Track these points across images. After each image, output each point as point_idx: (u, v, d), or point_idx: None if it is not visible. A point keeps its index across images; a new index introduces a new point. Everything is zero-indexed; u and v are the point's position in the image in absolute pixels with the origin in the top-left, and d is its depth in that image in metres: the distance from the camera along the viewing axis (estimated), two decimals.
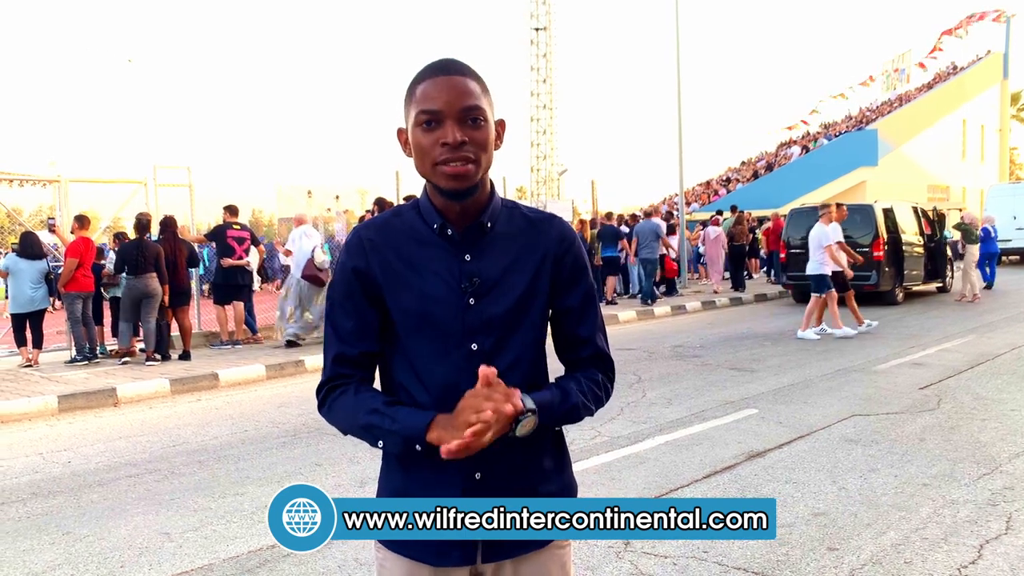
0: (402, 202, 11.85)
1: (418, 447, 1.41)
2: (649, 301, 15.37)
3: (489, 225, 1.51)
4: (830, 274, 10.58)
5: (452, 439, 1.32)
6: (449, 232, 1.50)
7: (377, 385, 1.58)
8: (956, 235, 16.04)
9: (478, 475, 1.48)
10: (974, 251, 14.81)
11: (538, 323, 1.54)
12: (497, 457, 1.48)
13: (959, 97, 42.88)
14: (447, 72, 1.43)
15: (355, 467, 5.20)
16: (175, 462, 5.55)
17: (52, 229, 10.38)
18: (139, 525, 4.29)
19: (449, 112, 1.40)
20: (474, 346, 1.47)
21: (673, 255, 17.22)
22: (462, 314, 1.48)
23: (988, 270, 16.84)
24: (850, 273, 10.82)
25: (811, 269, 10.74)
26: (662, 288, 16.69)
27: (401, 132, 1.51)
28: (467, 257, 1.50)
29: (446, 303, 1.48)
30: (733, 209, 19.23)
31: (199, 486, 4.97)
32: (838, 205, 11.42)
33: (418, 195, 1.59)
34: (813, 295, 10.70)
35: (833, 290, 10.58)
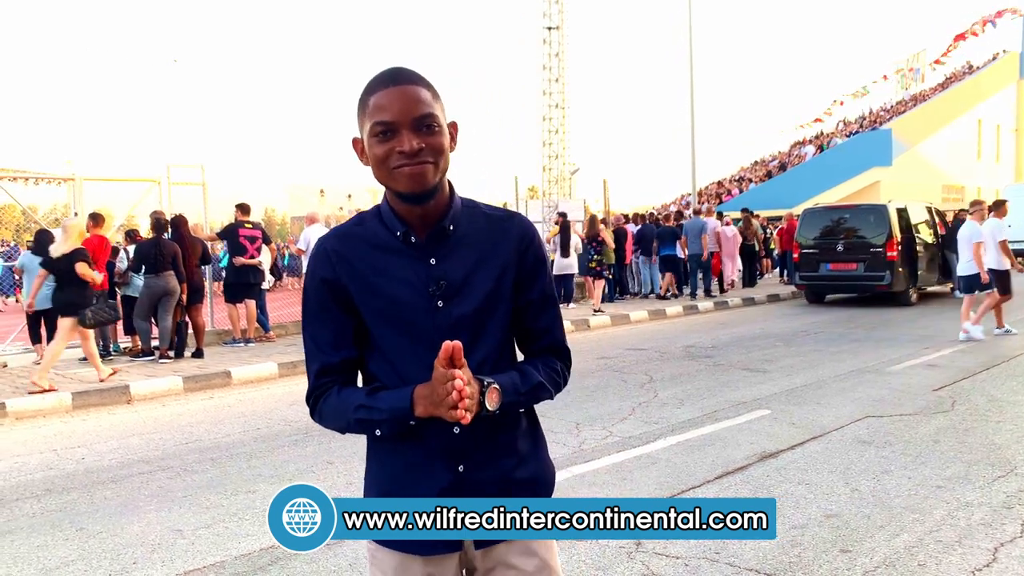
0: None
1: (412, 423, 1.48)
2: (699, 295, 16.11)
3: (451, 228, 1.55)
4: (991, 272, 9.77)
5: (438, 413, 1.40)
6: (412, 239, 1.53)
7: (360, 383, 1.62)
8: None
9: (461, 468, 1.53)
10: None
11: (505, 320, 1.59)
12: (477, 447, 1.54)
13: (974, 97, 42.60)
14: (397, 82, 1.46)
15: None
16: (188, 459, 5.58)
17: None
18: (152, 522, 4.32)
19: (403, 121, 1.43)
20: None
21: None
22: (431, 316, 1.52)
23: None
24: (986, 278, 9.82)
25: (963, 270, 10.04)
26: (694, 287, 16.58)
27: (356, 142, 1.54)
28: (432, 261, 1.53)
29: (415, 307, 1.52)
30: (743, 212, 19.30)
31: (211, 483, 4.99)
32: (998, 203, 10.39)
33: None
34: (966, 296, 10.01)
35: (996, 290, 9.85)
